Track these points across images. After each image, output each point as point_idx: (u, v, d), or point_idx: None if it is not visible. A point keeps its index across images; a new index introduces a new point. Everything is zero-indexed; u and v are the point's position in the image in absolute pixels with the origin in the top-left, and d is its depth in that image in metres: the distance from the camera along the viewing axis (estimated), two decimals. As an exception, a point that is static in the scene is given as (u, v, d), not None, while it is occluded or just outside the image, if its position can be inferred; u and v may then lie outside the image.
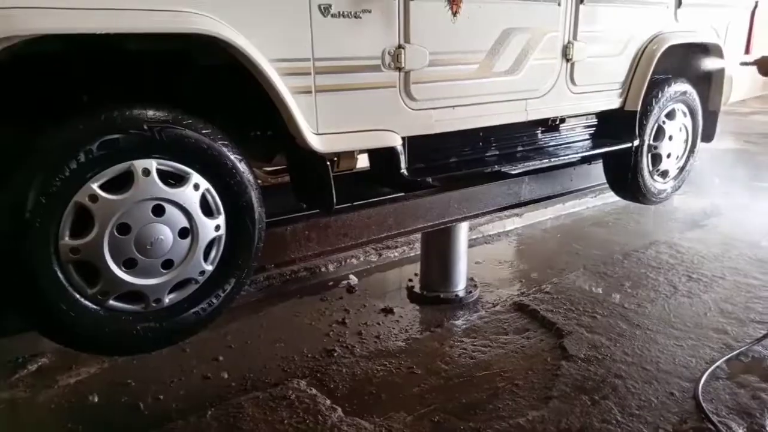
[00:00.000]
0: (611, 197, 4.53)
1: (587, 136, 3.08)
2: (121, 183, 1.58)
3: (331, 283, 3.76)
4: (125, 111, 1.56)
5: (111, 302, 1.63)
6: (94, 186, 1.53)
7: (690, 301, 3.31)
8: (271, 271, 2.92)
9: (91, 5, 1.45)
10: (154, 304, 1.70)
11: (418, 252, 3.73)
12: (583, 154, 2.98)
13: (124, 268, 1.61)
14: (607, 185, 3.52)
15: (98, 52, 1.62)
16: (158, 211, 1.64)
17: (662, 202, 3.66)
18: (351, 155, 2.28)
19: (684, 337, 2.90)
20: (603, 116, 3.03)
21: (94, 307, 1.60)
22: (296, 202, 2.40)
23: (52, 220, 1.49)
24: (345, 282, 3.74)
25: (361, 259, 3.99)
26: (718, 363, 2.64)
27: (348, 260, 3.91)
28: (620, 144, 3.02)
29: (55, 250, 1.51)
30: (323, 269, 3.81)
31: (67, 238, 1.52)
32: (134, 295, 1.67)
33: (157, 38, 1.58)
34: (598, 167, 3.48)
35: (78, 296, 1.57)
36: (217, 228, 1.78)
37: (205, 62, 1.84)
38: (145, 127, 1.57)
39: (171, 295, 1.74)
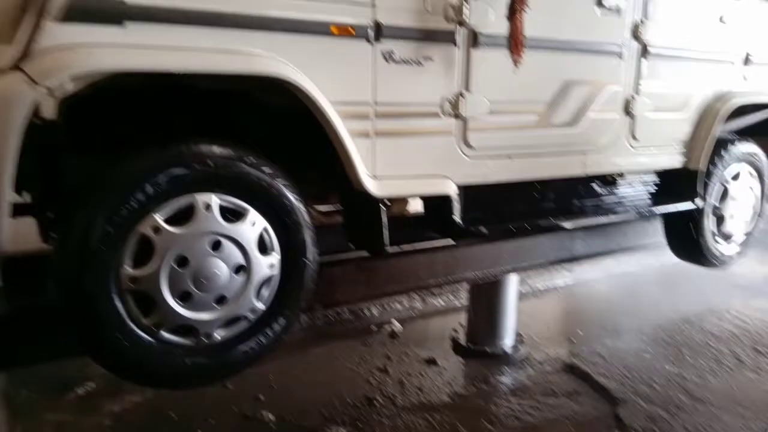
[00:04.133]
0: (669, 257, 4.33)
1: (646, 194, 2.97)
2: (183, 216, 1.61)
3: (374, 327, 3.70)
4: (192, 146, 1.60)
5: (164, 334, 1.64)
6: (158, 218, 1.56)
7: (758, 377, 3.07)
8: (318, 311, 2.90)
9: (169, 45, 1.53)
10: (204, 339, 1.70)
11: (464, 301, 3.64)
12: (642, 212, 2.87)
13: (179, 301, 1.62)
14: (665, 244, 3.37)
15: (171, 88, 1.69)
16: (216, 245, 1.66)
17: (725, 266, 3.46)
18: (404, 200, 2.28)
19: (753, 418, 2.66)
20: (664, 174, 2.93)
21: (148, 338, 1.61)
22: (345, 243, 2.39)
23: (115, 248, 1.52)
24: (388, 327, 3.67)
25: (405, 304, 3.93)
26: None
27: (392, 305, 3.86)
28: (681, 203, 2.91)
29: (116, 279, 1.54)
30: (366, 312, 3.76)
31: (128, 268, 1.55)
32: (186, 328, 1.67)
33: (226, 78, 1.64)
34: (655, 224, 3.35)
35: (133, 326, 1.59)
36: (271, 266, 1.78)
37: (268, 102, 1.89)
38: (210, 163, 1.61)
39: (221, 331, 1.73)
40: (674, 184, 2.95)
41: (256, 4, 1.64)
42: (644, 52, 2.55)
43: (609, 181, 2.77)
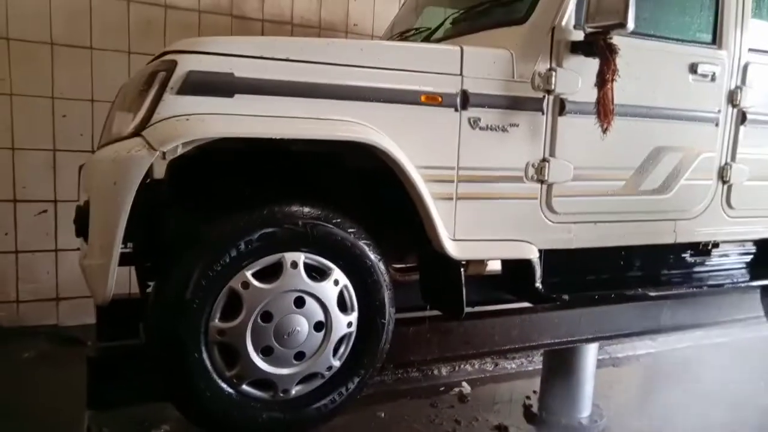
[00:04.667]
0: (766, 330, 3.98)
1: (743, 265, 2.78)
2: (270, 273, 1.68)
3: (442, 388, 3.60)
4: (285, 207, 1.68)
5: (244, 387, 1.68)
6: (248, 274, 1.64)
7: None
8: (390, 371, 2.87)
9: (271, 113, 1.63)
10: (281, 394, 1.73)
11: (537, 366, 3.48)
12: (738, 284, 2.68)
13: (261, 355, 1.67)
14: (765, 320, 3.11)
15: (269, 151, 1.79)
16: (299, 302, 1.70)
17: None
18: (481, 261, 2.25)
19: None
20: (764, 244, 2.74)
21: (229, 389, 1.66)
22: (419, 301, 2.38)
23: (207, 301, 1.60)
24: (457, 389, 3.56)
25: (476, 366, 3.81)
26: None
27: (462, 366, 3.75)
28: (784, 276, 2.69)
29: (205, 330, 1.61)
30: (435, 372, 3.67)
31: (217, 320, 1.62)
32: (265, 383, 1.71)
33: (318, 142, 1.72)
34: (754, 298, 3.10)
35: (216, 377, 1.64)
36: (350, 324, 1.80)
37: (358, 164, 1.96)
38: (300, 223, 1.68)
39: (298, 387, 1.76)
40: (775, 255, 2.75)
41: (350, 76, 1.73)
42: (742, 118, 2.44)
43: (702, 250, 2.62)
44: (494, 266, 2.41)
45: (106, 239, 1.48)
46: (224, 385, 1.65)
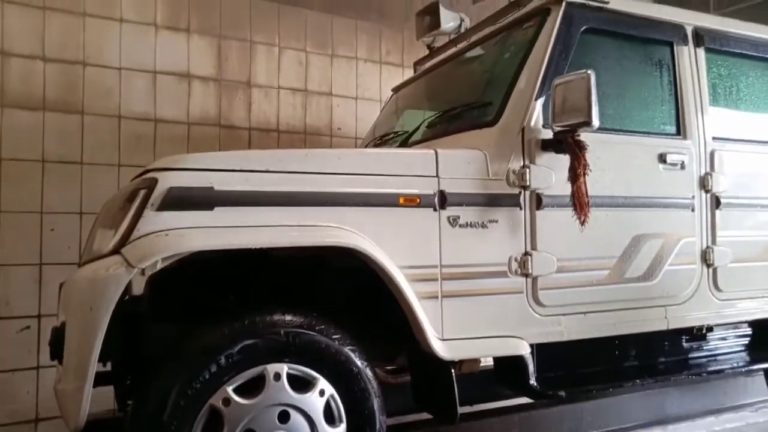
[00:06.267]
0: (778, 415, 3.82)
1: (742, 348, 2.73)
2: (253, 386, 1.62)
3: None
4: (266, 316, 1.66)
5: None
6: (229, 389, 1.58)
7: None
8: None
9: (251, 223, 1.65)
10: None
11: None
12: (738, 368, 2.61)
13: (244, 476, 1.57)
14: (773, 403, 3.00)
15: (244, 259, 1.79)
16: (284, 417, 1.63)
17: None
18: (475, 359, 2.19)
19: None
20: (760, 325, 2.70)
21: None
22: (413, 403, 2.29)
23: (186, 422, 1.53)
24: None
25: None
26: None
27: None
28: (784, 357, 2.63)
29: (184, 454, 1.52)
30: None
31: (196, 441, 1.54)
32: (249, 506, 1.59)
33: (300, 248, 1.73)
34: (760, 381, 3.02)
35: (198, 502, 1.53)
36: (338, 437, 1.72)
37: (337, 266, 1.96)
38: (282, 332, 1.65)
39: None
40: (773, 336, 2.70)
41: (329, 183, 1.78)
42: (716, 203, 2.50)
43: (697, 335, 2.57)
44: (489, 361, 2.35)
45: (80, 362, 1.44)
46: None
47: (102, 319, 1.42)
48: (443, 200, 1.96)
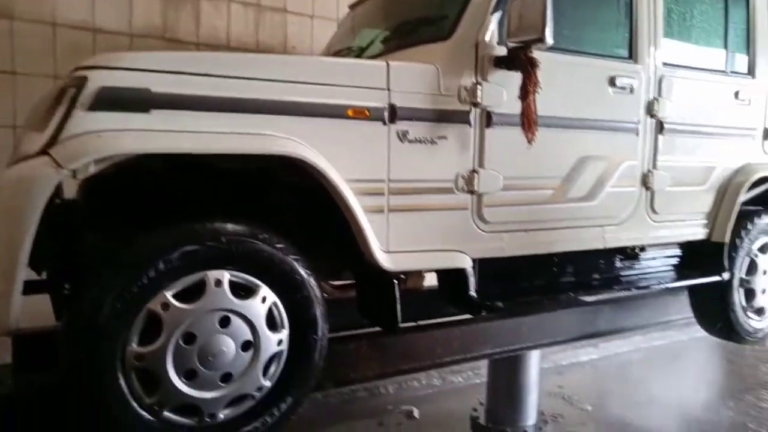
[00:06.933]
0: (699, 331, 4.15)
1: (670, 267, 2.90)
2: (193, 292, 1.61)
3: (390, 406, 3.57)
4: (206, 224, 1.63)
5: (166, 414, 1.60)
6: (168, 294, 1.57)
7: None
8: (329, 389, 2.81)
9: (191, 129, 1.59)
10: (207, 419, 1.65)
11: (485, 379, 3.50)
12: (666, 285, 2.79)
13: (183, 379, 1.59)
14: (694, 319, 3.24)
15: (190, 168, 1.74)
16: (225, 322, 1.64)
17: (758, 342, 3.30)
18: (419, 274, 2.25)
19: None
20: (689, 247, 2.86)
21: (149, 417, 1.58)
22: (360, 319, 2.35)
23: (123, 325, 1.52)
24: (405, 407, 3.54)
25: (423, 382, 3.80)
26: None
27: (409, 382, 3.73)
28: (707, 277, 2.82)
29: (122, 356, 1.53)
30: (382, 390, 3.64)
31: (134, 345, 1.54)
32: (190, 408, 1.63)
33: (244, 158, 1.69)
34: (683, 300, 3.23)
35: (135, 404, 1.56)
36: (280, 342, 1.76)
37: (284, 180, 1.93)
38: (224, 239, 1.63)
39: (226, 411, 1.69)
40: (699, 257, 2.88)
41: (273, 91, 1.71)
42: (660, 128, 2.56)
43: (631, 254, 2.71)
44: (434, 282, 2.42)
45: (8, 265, 1.39)
46: (144, 413, 1.57)
47: (28, 219, 1.36)
48: (393, 114, 1.93)
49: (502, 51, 2.09)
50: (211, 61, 1.71)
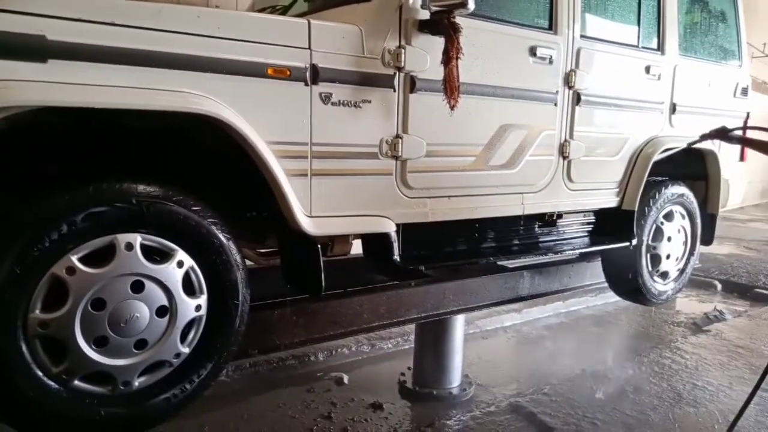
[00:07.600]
0: (612, 297, 4.44)
1: (585, 233, 3.05)
2: (102, 256, 1.54)
3: (319, 373, 3.60)
4: (114, 184, 1.55)
5: (76, 383, 1.53)
6: (74, 258, 1.49)
7: (696, 411, 3.13)
8: (256, 357, 2.79)
9: (93, 82, 1.49)
10: (122, 387, 1.60)
11: (413, 345, 3.59)
12: (580, 250, 2.95)
13: (93, 347, 1.53)
14: (606, 284, 3.45)
15: (97, 127, 1.64)
16: (137, 287, 1.58)
17: (663, 303, 3.58)
18: (345, 240, 2.25)
19: (691, 451, 2.71)
20: (601, 214, 3.03)
21: (57, 387, 1.50)
22: (287, 286, 2.33)
23: (24, 291, 1.43)
24: (334, 374, 3.57)
25: (353, 349, 3.85)
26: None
27: (338, 350, 3.77)
28: (618, 242, 3.00)
29: (23, 323, 1.44)
30: (312, 358, 3.66)
31: (37, 311, 1.46)
32: (102, 376, 1.57)
33: (156, 116, 1.60)
34: (597, 266, 3.43)
35: (41, 374, 1.48)
36: (198, 308, 1.71)
37: (203, 141, 1.86)
38: (134, 201, 1.55)
39: (141, 378, 1.64)
40: (611, 224, 3.04)
41: (186, 45, 1.63)
42: (577, 99, 2.67)
43: (548, 221, 2.83)
44: (360, 251, 2.43)
45: None
46: (51, 383, 1.49)
47: None
48: (315, 75, 1.89)
49: (425, 15, 2.09)
50: (119, 8, 1.58)
